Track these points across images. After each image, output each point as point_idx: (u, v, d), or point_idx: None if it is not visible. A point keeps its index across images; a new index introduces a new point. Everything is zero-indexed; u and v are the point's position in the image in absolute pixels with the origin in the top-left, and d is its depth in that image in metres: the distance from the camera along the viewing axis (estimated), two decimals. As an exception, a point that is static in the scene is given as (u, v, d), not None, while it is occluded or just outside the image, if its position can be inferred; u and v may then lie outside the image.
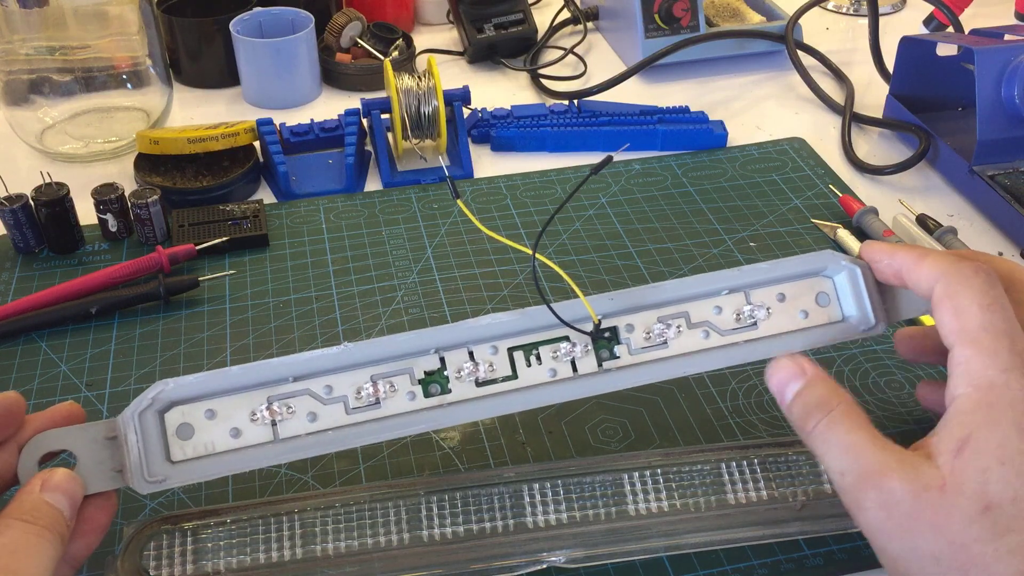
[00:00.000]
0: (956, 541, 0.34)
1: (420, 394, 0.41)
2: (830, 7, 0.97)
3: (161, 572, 0.40)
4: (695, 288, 0.42)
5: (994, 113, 0.64)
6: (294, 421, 0.40)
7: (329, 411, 0.40)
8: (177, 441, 0.39)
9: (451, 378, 0.41)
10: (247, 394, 0.40)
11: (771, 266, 0.43)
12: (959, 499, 0.34)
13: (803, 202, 0.67)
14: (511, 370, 0.41)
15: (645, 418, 0.50)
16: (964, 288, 0.37)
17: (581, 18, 0.91)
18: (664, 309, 0.42)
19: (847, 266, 0.42)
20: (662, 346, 0.42)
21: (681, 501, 0.43)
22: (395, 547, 0.41)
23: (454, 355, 0.41)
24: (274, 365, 0.40)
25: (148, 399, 0.39)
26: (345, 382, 0.40)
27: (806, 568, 0.43)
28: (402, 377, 0.41)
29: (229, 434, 0.39)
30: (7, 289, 0.60)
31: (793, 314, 0.42)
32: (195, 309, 0.58)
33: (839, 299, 0.43)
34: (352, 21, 0.82)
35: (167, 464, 0.39)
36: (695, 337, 0.42)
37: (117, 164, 0.73)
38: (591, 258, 0.62)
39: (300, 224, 0.66)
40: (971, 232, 0.64)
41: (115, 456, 0.39)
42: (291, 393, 0.40)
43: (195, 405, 0.39)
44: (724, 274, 0.43)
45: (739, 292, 0.43)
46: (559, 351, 0.41)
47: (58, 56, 0.71)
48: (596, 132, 0.73)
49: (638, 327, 0.42)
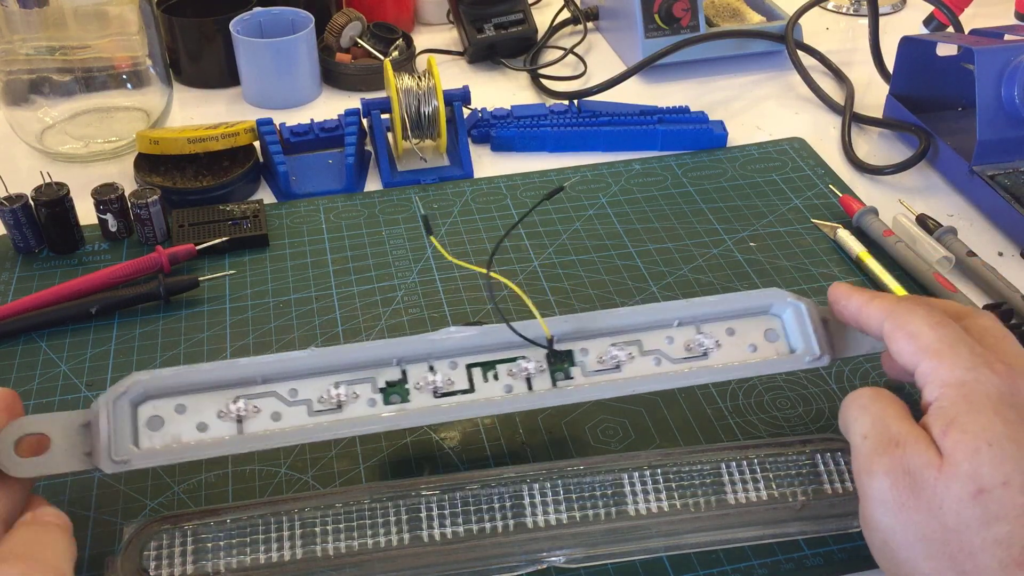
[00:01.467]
0: (948, 525, 0.35)
1: (380, 401, 0.43)
2: (830, 7, 0.97)
3: (161, 572, 0.40)
4: (648, 316, 0.45)
5: (994, 113, 0.64)
6: (258, 419, 0.42)
7: (293, 412, 0.42)
8: (146, 431, 0.41)
9: (411, 389, 0.43)
10: (216, 393, 0.42)
11: (720, 299, 0.45)
12: (954, 481, 0.35)
13: (803, 202, 0.67)
14: (469, 384, 0.43)
15: (645, 418, 0.50)
16: (911, 317, 0.40)
17: (581, 18, 0.91)
18: (617, 336, 0.45)
19: (792, 303, 0.45)
20: (615, 370, 0.44)
21: (681, 501, 0.43)
22: (395, 547, 0.41)
23: (415, 368, 0.43)
24: (243, 365, 0.42)
25: (123, 387, 0.41)
26: (310, 387, 0.43)
27: (806, 568, 0.43)
28: (364, 385, 0.43)
29: (196, 428, 0.42)
30: (7, 289, 0.60)
31: (742, 347, 0.45)
32: (195, 309, 0.58)
33: (787, 335, 0.45)
34: (352, 21, 0.82)
35: (133, 448, 0.41)
36: (647, 363, 0.44)
37: (117, 164, 0.73)
38: (591, 258, 0.62)
39: (300, 224, 0.66)
40: (971, 232, 0.64)
41: (86, 441, 0.41)
42: (258, 394, 0.42)
43: (167, 400, 0.42)
44: (675, 304, 0.45)
45: (690, 324, 0.45)
46: (515, 369, 0.44)
47: (58, 56, 0.71)
48: (596, 132, 0.73)
49: (592, 351, 0.44)
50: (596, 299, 0.58)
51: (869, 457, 0.37)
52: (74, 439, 0.41)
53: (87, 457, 0.41)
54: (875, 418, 0.38)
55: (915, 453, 0.36)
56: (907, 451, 0.36)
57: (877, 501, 0.37)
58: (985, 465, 0.35)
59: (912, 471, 0.36)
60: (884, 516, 0.36)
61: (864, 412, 0.39)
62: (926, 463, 0.35)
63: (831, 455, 0.44)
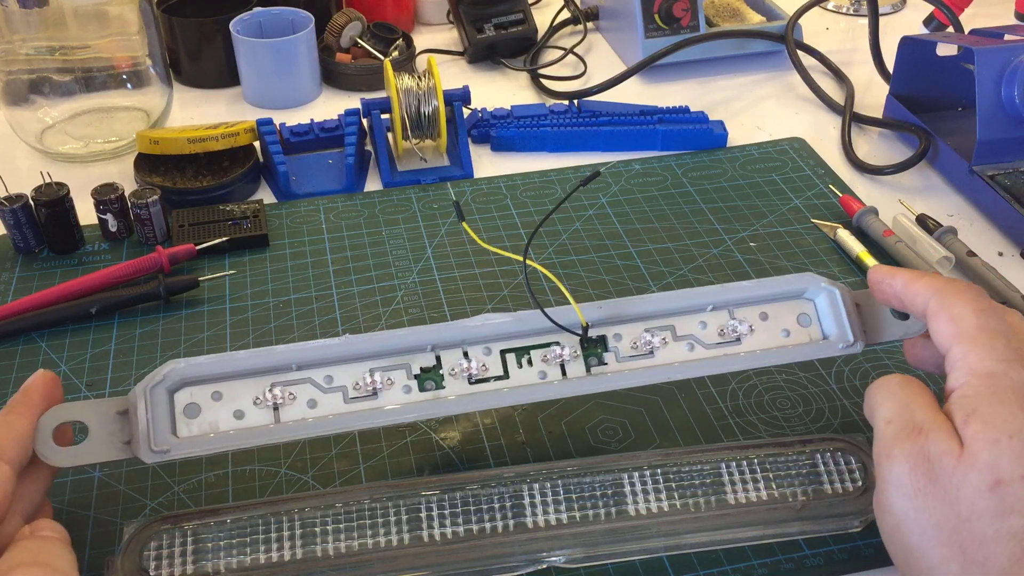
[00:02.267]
0: (962, 514, 0.34)
1: (415, 388, 0.43)
2: (830, 7, 0.97)
3: (161, 572, 0.40)
4: (681, 302, 0.45)
5: (994, 113, 0.64)
6: (295, 407, 0.42)
7: (329, 399, 0.42)
8: (183, 419, 0.41)
9: (446, 375, 0.43)
10: (252, 380, 0.42)
11: (754, 284, 0.45)
12: (972, 470, 0.35)
13: (803, 202, 0.67)
14: (503, 370, 0.43)
15: (645, 418, 0.50)
16: (957, 299, 0.40)
17: (581, 18, 0.91)
18: (650, 322, 0.44)
19: (827, 288, 0.45)
20: (648, 356, 0.44)
21: (681, 501, 0.43)
22: (395, 547, 0.41)
23: (449, 354, 0.43)
24: (279, 352, 0.42)
25: (160, 375, 0.41)
26: (345, 373, 0.43)
27: (806, 568, 0.43)
28: (399, 372, 0.43)
29: (233, 415, 0.41)
30: (7, 289, 0.60)
31: (775, 332, 0.45)
32: (195, 309, 0.58)
33: (820, 320, 0.45)
34: (352, 21, 0.82)
35: (172, 438, 0.41)
36: (680, 349, 0.44)
37: (117, 164, 0.73)
38: (591, 258, 0.62)
39: (300, 224, 0.66)
40: (971, 232, 0.64)
41: (124, 429, 0.41)
42: (294, 380, 0.42)
43: (203, 387, 0.42)
44: (709, 290, 0.45)
45: (723, 309, 0.45)
46: (549, 355, 0.43)
47: (58, 56, 0.71)
48: (596, 132, 0.73)
49: (626, 337, 0.44)
50: (596, 299, 0.58)
51: (891, 442, 0.37)
52: (111, 427, 0.41)
53: (125, 446, 0.41)
54: (901, 404, 0.38)
55: (936, 440, 0.36)
56: (929, 438, 0.36)
57: (895, 485, 0.37)
58: (1004, 457, 0.34)
59: (931, 458, 0.36)
60: (900, 500, 0.36)
61: (891, 398, 0.39)
62: (946, 451, 0.35)
63: (831, 455, 0.44)
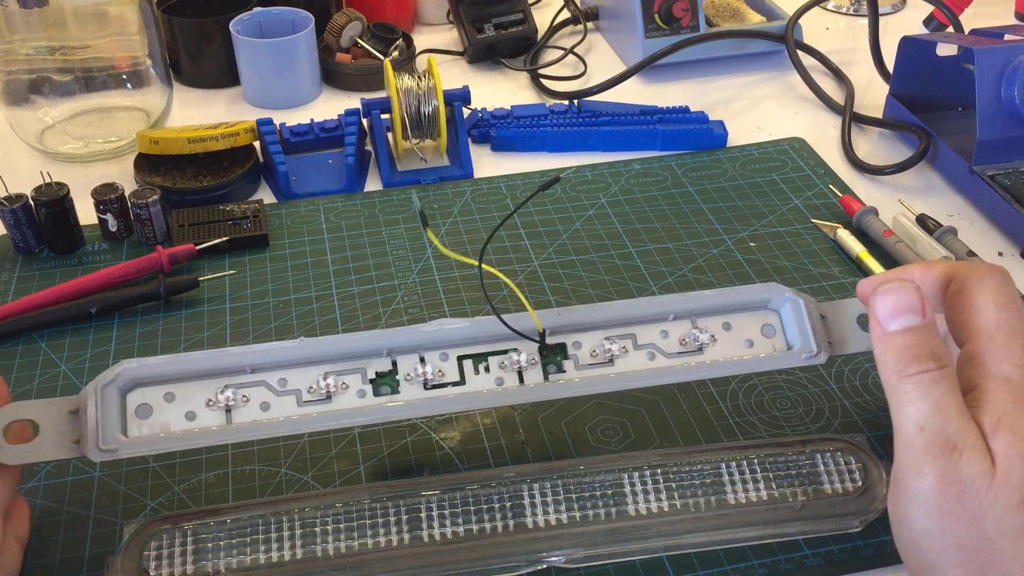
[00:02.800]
0: (987, 534, 0.33)
1: (370, 393, 0.42)
2: (830, 7, 0.97)
3: (161, 572, 0.40)
4: (642, 310, 0.44)
5: (994, 113, 0.64)
6: (247, 409, 0.42)
7: (282, 402, 0.42)
8: (135, 419, 0.41)
9: (401, 381, 0.43)
10: (205, 381, 0.42)
11: (717, 294, 0.45)
12: (1004, 488, 0.33)
13: (803, 202, 0.67)
14: (460, 376, 0.43)
15: (645, 418, 0.50)
16: (981, 287, 0.37)
17: (581, 18, 0.91)
18: (611, 330, 0.44)
19: (791, 299, 0.44)
20: (607, 364, 0.44)
21: (681, 501, 0.43)
22: (395, 547, 0.41)
23: (406, 359, 0.43)
24: (233, 353, 0.42)
25: (112, 374, 0.41)
26: (299, 376, 0.42)
27: (806, 568, 0.43)
28: (354, 376, 0.43)
29: (185, 416, 0.41)
30: (7, 289, 0.60)
31: (738, 342, 0.44)
32: (195, 309, 0.58)
33: (784, 330, 0.45)
34: (352, 21, 0.82)
35: (121, 437, 0.40)
36: (640, 358, 0.44)
37: (117, 164, 0.73)
38: (591, 258, 0.62)
39: (300, 224, 0.66)
40: (971, 232, 0.64)
41: (75, 428, 0.41)
42: (247, 383, 0.42)
43: (155, 388, 0.41)
44: (671, 298, 0.45)
45: (685, 319, 0.44)
46: (507, 362, 0.43)
47: (58, 56, 0.71)
48: (596, 132, 0.73)
49: (585, 345, 0.44)
50: (596, 299, 0.58)
51: (922, 454, 0.35)
52: (62, 427, 0.41)
53: (75, 445, 0.41)
54: (935, 407, 0.35)
55: (970, 460, 0.34)
56: (963, 457, 0.34)
57: (919, 502, 0.35)
58: None
59: (964, 480, 0.34)
60: (923, 518, 0.35)
61: (924, 396, 0.35)
62: (980, 472, 0.34)
63: (831, 455, 0.44)
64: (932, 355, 0.36)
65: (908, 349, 0.36)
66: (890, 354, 0.37)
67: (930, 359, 0.36)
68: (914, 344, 0.36)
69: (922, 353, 0.36)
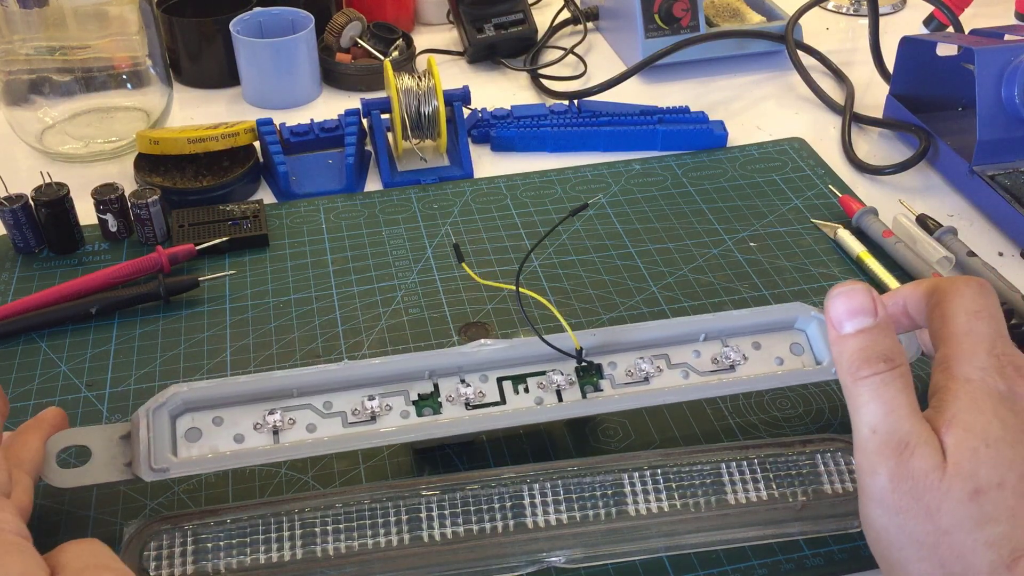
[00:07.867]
0: (942, 527, 0.34)
1: (413, 414, 0.44)
2: (830, 7, 0.97)
3: (161, 572, 0.40)
4: (674, 330, 0.46)
5: (994, 113, 0.64)
6: (294, 431, 0.43)
7: (327, 423, 0.43)
8: (184, 443, 0.42)
9: (443, 402, 0.44)
10: (252, 405, 0.43)
11: (745, 314, 0.46)
12: (955, 480, 0.34)
13: (803, 202, 0.67)
14: (500, 396, 0.44)
15: (645, 418, 0.50)
16: (954, 297, 0.39)
17: (581, 18, 0.91)
18: (645, 351, 0.45)
19: (816, 317, 0.46)
20: (643, 382, 0.45)
21: (681, 501, 0.43)
22: (395, 547, 0.41)
23: (447, 381, 0.44)
24: (279, 377, 0.43)
25: (163, 398, 0.42)
26: (343, 399, 0.44)
27: (806, 568, 0.43)
28: (397, 398, 0.44)
29: (233, 439, 0.42)
30: (7, 289, 0.60)
31: (768, 360, 0.46)
32: (195, 309, 0.58)
33: (812, 347, 0.46)
34: (352, 21, 0.82)
35: (171, 457, 0.42)
36: (674, 376, 0.45)
37: (117, 164, 0.73)
38: (591, 258, 0.62)
39: (300, 224, 0.66)
40: (971, 232, 0.64)
41: (125, 452, 0.42)
42: (294, 406, 0.43)
43: (204, 413, 0.43)
44: (701, 319, 0.46)
45: (716, 339, 0.46)
46: (545, 382, 0.44)
47: (58, 56, 0.71)
48: (596, 132, 0.73)
49: (620, 365, 0.45)
50: (596, 299, 0.58)
51: (874, 455, 0.36)
52: (113, 451, 0.42)
53: (126, 467, 0.42)
54: (887, 408, 0.36)
55: (922, 457, 0.35)
56: (915, 454, 0.35)
57: (876, 501, 0.36)
58: (983, 466, 0.34)
59: (916, 476, 0.35)
60: (880, 516, 0.36)
61: (876, 398, 0.36)
62: (932, 467, 0.35)
63: (831, 455, 0.44)
64: (884, 356, 0.37)
65: (861, 351, 0.37)
66: (844, 357, 0.38)
67: (880, 360, 0.37)
68: (867, 346, 0.37)
69: (873, 355, 0.37)
